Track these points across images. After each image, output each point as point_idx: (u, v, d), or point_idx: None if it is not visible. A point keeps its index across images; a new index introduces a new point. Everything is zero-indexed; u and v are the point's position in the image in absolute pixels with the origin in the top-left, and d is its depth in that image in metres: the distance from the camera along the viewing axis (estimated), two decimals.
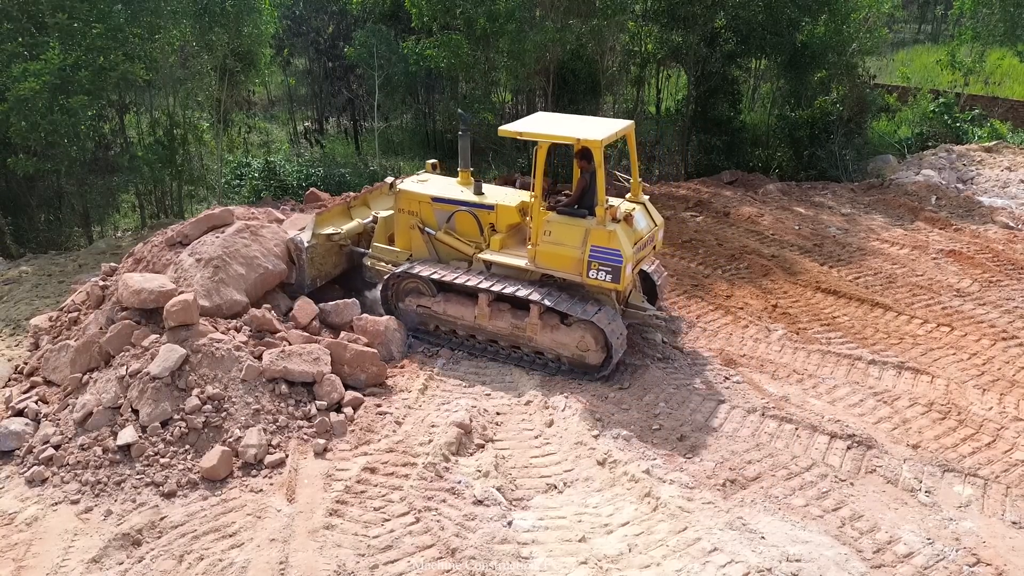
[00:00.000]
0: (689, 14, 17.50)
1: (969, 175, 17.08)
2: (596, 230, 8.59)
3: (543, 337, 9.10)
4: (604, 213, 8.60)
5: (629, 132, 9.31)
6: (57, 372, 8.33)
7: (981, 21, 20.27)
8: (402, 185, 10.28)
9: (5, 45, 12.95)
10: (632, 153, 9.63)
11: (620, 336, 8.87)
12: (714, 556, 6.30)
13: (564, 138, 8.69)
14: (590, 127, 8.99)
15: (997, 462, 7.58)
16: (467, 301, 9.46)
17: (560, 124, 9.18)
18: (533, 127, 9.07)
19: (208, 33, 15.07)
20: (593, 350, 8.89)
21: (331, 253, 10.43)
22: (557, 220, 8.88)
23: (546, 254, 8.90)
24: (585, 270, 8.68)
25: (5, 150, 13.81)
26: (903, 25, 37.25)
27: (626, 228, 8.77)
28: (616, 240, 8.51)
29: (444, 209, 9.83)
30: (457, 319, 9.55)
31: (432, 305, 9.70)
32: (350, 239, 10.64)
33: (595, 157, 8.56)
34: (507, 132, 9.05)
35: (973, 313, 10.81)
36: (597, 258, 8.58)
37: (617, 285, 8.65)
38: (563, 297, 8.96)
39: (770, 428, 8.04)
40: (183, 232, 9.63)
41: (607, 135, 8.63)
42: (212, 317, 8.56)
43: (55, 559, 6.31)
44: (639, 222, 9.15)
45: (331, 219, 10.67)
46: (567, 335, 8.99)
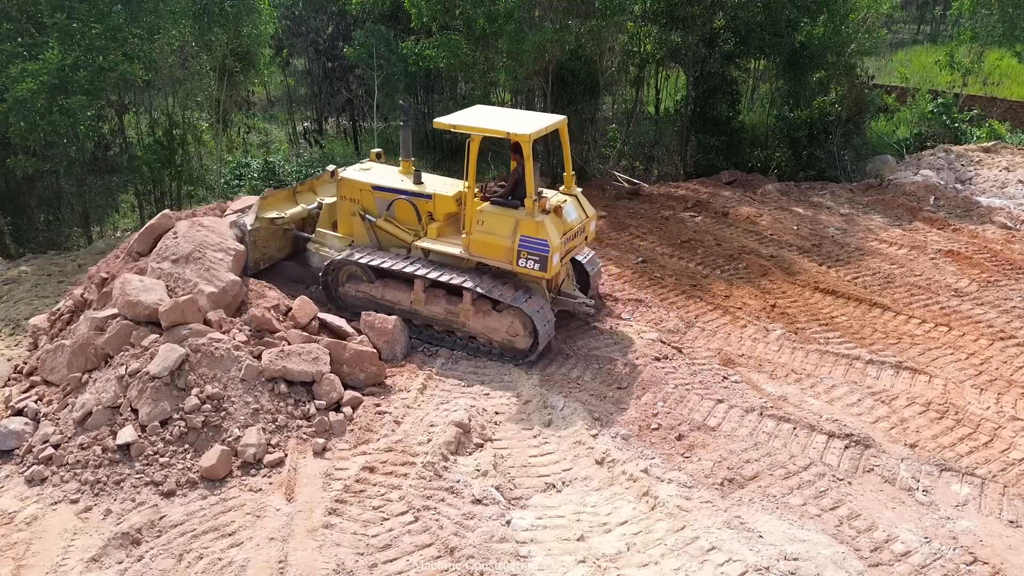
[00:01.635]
0: (688, 14, 17.51)
1: (967, 175, 17.10)
2: (525, 220, 8.98)
3: (475, 322, 9.46)
4: (533, 205, 8.97)
5: (561, 127, 9.64)
6: (55, 372, 8.34)
7: (980, 22, 20.30)
8: (344, 173, 10.61)
9: (4, 45, 12.97)
10: (565, 148, 9.96)
11: (547, 323, 9.22)
12: (712, 555, 6.32)
13: (494, 131, 9.06)
14: (520, 121, 9.31)
15: (994, 461, 7.60)
16: (404, 287, 9.83)
17: (493, 118, 9.54)
18: (466, 120, 9.42)
19: (207, 33, 15.08)
20: (521, 335, 9.27)
21: (275, 237, 10.69)
22: (489, 210, 9.24)
23: (479, 243, 9.27)
24: (515, 259, 9.09)
25: (5, 150, 13.82)
26: (902, 25, 37.30)
27: (555, 219, 9.15)
28: (544, 230, 8.90)
29: (384, 197, 10.14)
30: (394, 304, 9.91)
31: (370, 291, 10.06)
32: (294, 223, 10.96)
33: (524, 150, 8.88)
34: (441, 124, 9.45)
35: (971, 313, 10.83)
36: (526, 247, 9.00)
37: (544, 273, 9.08)
38: (495, 284, 9.32)
39: (768, 427, 8.06)
40: (134, 248, 9.70)
41: (536, 130, 8.96)
42: (217, 306, 8.68)
43: (55, 558, 6.32)
44: (569, 214, 9.48)
45: (275, 204, 10.98)
46: (498, 321, 9.36)
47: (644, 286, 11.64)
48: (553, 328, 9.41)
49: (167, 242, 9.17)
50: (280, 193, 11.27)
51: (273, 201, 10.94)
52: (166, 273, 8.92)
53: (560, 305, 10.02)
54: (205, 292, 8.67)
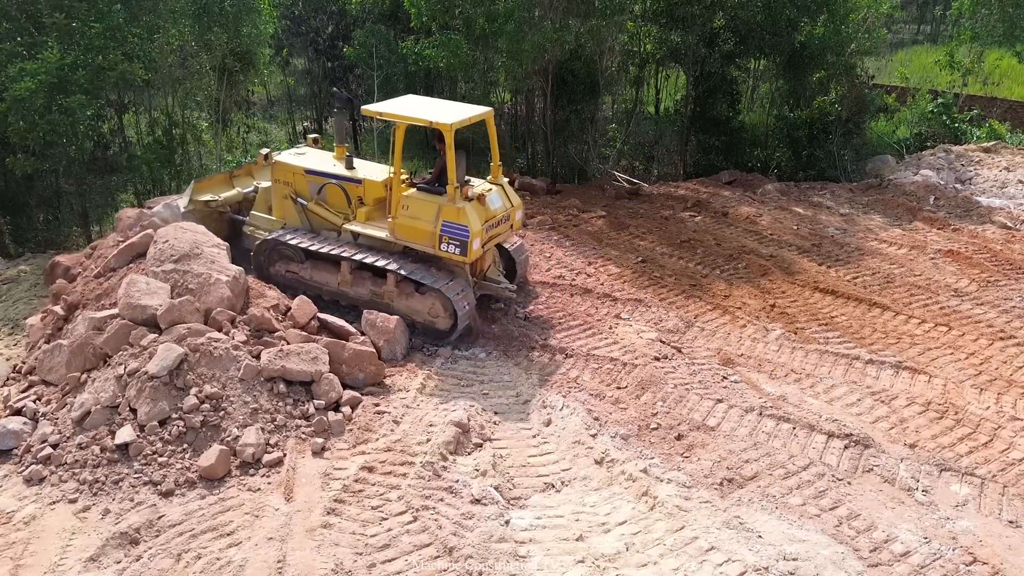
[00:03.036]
0: (688, 14, 17.50)
1: (967, 175, 17.09)
2: (447, 206, 9.33)
3: (399, 303, 9.81)
4: (455, 192, 9.32)
5: (487, 118, 9.93)
6: (53, 372, 8.32)
7: (980, 22, 20.28)
8: (278, 157, 10.91)
9: (3, 45, 12.94)
10: (492, 139, 10.26)
11: (467, 305, 9.55)
12: (711, 555, 6.32)
13: (418, 120, 9.40)
14: (444, 111, 9.62)
15: (994, 461, 7.60)
16: (332, 268, 10.15)
17: (420, 107, 9.86)
18: (392, 108, 9.74)
19: (207, 33, 15.05)
20: (442, 316, 9.65)
21: (209, 219, 10.85)
22: (414, 196, 9.61)
23: (403, 227, 9.62)
24: (437, 243, 9.44)
25: (4, 150, 13.79)
26: (902, 25, 37.27)
27: (477, 207, 9.49)
28: (465, 216, 9.24)
29: (316, 181, 10.46)
30: (322, 285, 10.23)
31: (300, 271, 10.36)
32: (229, 206, 11.24)
33: (446, 139, 9.16)
34: (369, 111, 9.79)
35: (971, 313, 10.82)
36: (447, 232, 9.35)
37: (465, 258, 9.43)
38: (419, 267, 9.65)
39: (768, 427, 8.05)
40: (109, 266, 9.64)
41: (458, 119, 9.27)
42: (234, 293, 8.89)
43: (53, 558, 6.31)
44: (493, 202, 9.80)
45: (211, 187, 11.26)
46: (420, 302, 9.73)
47: (644, 286, 11.63)
48: (473, 311, 9.74)
49: (159, 247, 9.18)
50: (216, 177, 11.59)
51: (208, 184, 11.27)
52: (171, 272, 8.92)
53: (483, 289, 10.36)
54: (223, 281, 8.84)
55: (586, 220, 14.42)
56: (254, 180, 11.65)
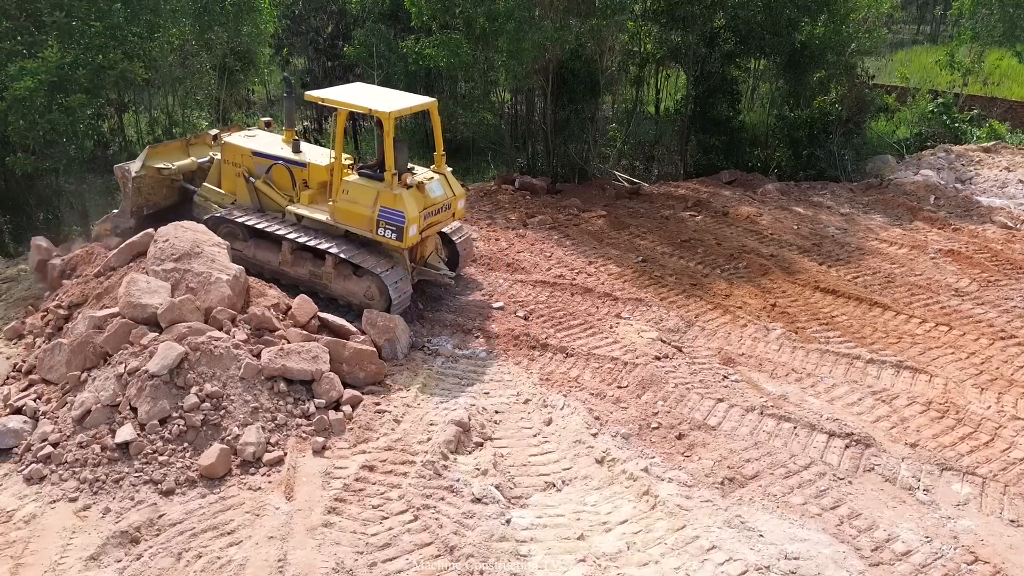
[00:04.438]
0: (688, 14, 17.48)
1: (968, 175, 17.09)
2: (385, 193, 9.51)
3: (337, 285, 10.06)
4: (392, 178, 9.49)
5: (431, 108, 10.17)
6: (53, 371, 8.31)
7: (980, 22, 20.28)
8: (227, 139, 11.17)
9: (3, 43, 12.92)
10: (436, 129, 10.46)
11: (401, 290, 9.77)
12: (712, 554, 6.31)
13: (358, 107, 9.64)
14: (386, 99, 9.85)
15: (995, 461, 7.59)
16: (275, 247, 10.35)
17: (361, 95, 10.03)
18: (335, 95, 9.96)
19: (207, 32, 15.04)
20: (377, 300, 9.82)
21: (160, 185, 11.24)
22: (354, 181, 9.82)
23: (343, 211, 9.86)
24: (375, 227, 9.64)
25: (4, 149, 13.77)
26: (902, 26, 37.28)
27: (416, 194, 9.65)
28: (401, 203, 9.42)
29: (263, 163, 10.71)
30: (264, 263, 10.43)
31: (243, 249, 10.48)
32: (182, 175, 11.46)
33: (385, 126, 9.39)
34: (311, 97, 10.02)
35: (971, 312, 10.82)
36: (384, 217, 9.54)
37: (400, 243, 9.62)
38: (357, 251, 9.83)
39: (768, 427, 8.05)
40: (109, 264, 9.77)
41: (398, 108, 9.53)
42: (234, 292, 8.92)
43: (53, 557, 6.29)
44: (434, 190, 9.96)
45: (166, 154, 11.46)
46: (357, 285, 9.96)
47: (644, 285, 11.62)
48: (409, 296, 9.96)
49: (159, 246, 9.19)
50: (172, 144, 11.76)
51: (164, 151, 11.47)
52: (171, 271, 8.92)
53: (422, 275, 10.57)
54: (223, 279, 8.86)
55: (586, 220, 14.42)
56: (210, 150, 11.81)
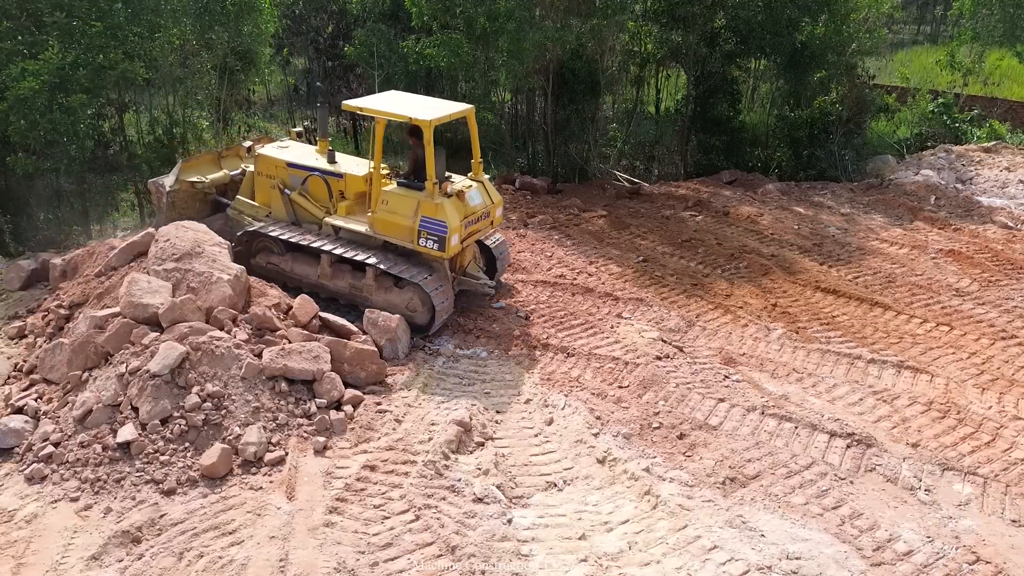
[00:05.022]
0: (689, 14, 17.49)
1: (968, 175, 17.10)
2: (426, 202, 9.36)
3: (377, 297, 9.84)
4: (433, 187, 9.35)
5: (468, 115, 10.00)
6: (54, 371, 8.30)
7: (980, 22, 20.29)
8: (261, 150, 10.98)
9: (4, 43, 12.92)
10: (473, 136, 10.25)
11: (445, 300, 9.60)
12: (714, 554, 6.31)
13: (397, 116, 9.45)
14: (423, 107, 9.69)
15: (996, 461, 7.59)
16: (312, 261, 10.20)
17: (399, 103, 9.87)
18: (372, 104, 9.79)
19: (208, 32, 15.03)
20: (420, 311, 9.69)
21: (194, 199, 11.08)
22: (394, 191, 9.67)
23: (383, 222, 9.68)
24: (416, 238, 9.48)
25: (5, 149, 13.77)
26: (902, 26, 37.28)
27: (456, 203, 9.52)
28: (443, 212, 9.29)
29: (298, 175, 10.56)
30: (302, 277, 10.29)
31: (280, 263, 10.44)
32: (215, 188, 11.31)
33: (424, 135, 9.22)
34: (348, 106, 9.86)
35: (972, 312, 10.82)
36: (426, 227, 9.37)
37: (443, 253, 9.46)
38: (398, 262, 9.67)
39: (770, 426, 8.05)
40: (111, 264, 9.73)
41: (437, 116, 9.33)
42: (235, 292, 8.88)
43: (55, 556, 6.29)
44: (473, 198, 9.82)
45: (198, 167, 11.31)
46: (398, 296, 9.78)
47: (645, 285, 11.62)
48: (452, 306, 9.81)
49: (160, 245, 9.17)
50: (204, 156, 11.59)
51: (196, 164, 11.31)
52: (172, 271, 8.92)
53: (462, 285, 10.40)
54: (224, 279, 8.84)
55: (587, 219, 14.42)
56: (242, 162, 11.71)
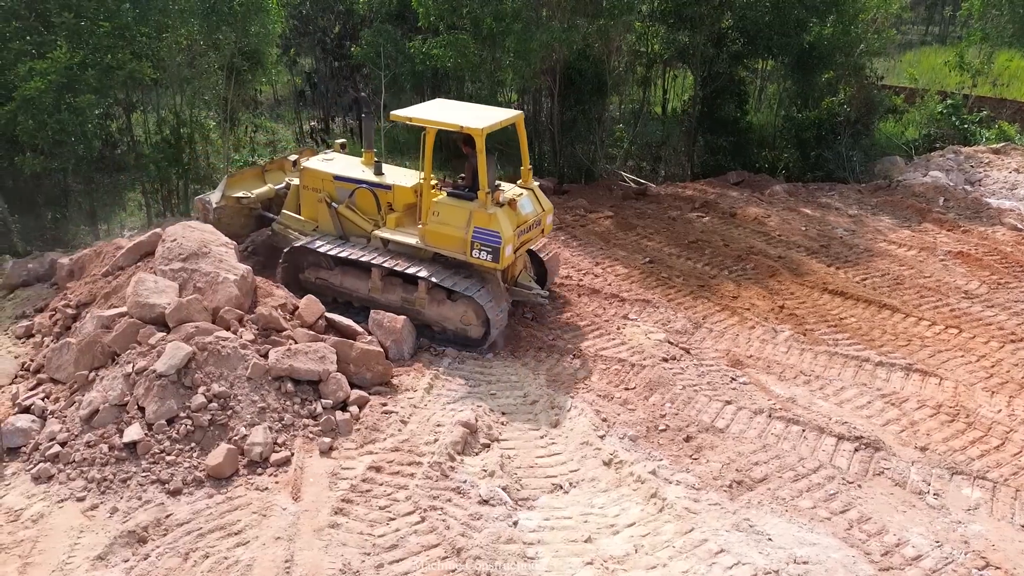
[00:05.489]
0: (696, 14, 17.44)
1: (977, 177, 17.00)
2: (478, 212, 9.11)
3: (430, 311, 9.65)
4: (485, 197, 9.10)
5: (518, 121, 9.77)
6: (61, 371, 8.32)
7: (990, 22, 20.18)
8: (306, 164, 10.82)
9: (13, 44, 12.97)
10: (522, 142, 10.00)
11: (499, 313, 9.34)
12: (721, 557, 6.28)
13: (448, 125, 9.21)
14: (474, 115, 9.45)
15: (1006, 465, 7.54)
16: (362, 274, 10.00)
17: (448, 112, 9.67)
18: (421, 113, 9.55)
19: (215, 32, 15.05)
20: (474, 324, 9.44)
21: (240, 215, 10.98)
22: (445, 202, 9.43)
23: (434, 233, 9.45)
24: (468, 249, 9.23)
25: (13, 148, 13.82)
26: (911, 26, 37.09)
27: (509, 212, 9.28)
28: (496, 222, 9.04)
29: (345, 187, 10.38)
30: (353, 291, 10.10)
31: (329, 277, 10.27)
32: (260, 203, 11.20)
33: (476, 144, 9.01)
34: (397, 117, 9.54)
35: (981, 315, 10.75)
36: (479, 239, 9.13)
37: (497, 264, 9.19)
38: (450, 274, 9.46)
39: (777, 429, 8.01)
40: (118, 264, 9.75)
41: (489, 124, 9.09)
42: (242, 292, 8.90)
43: (60, 556, 6.30)
44: (524, 207, 9.58)
45: (243, 182, 11.20)
46: (452, 310, 9.54)
47: (651, 287, 11.59)
48: (506, 318, 9.58)
49: (167, 245, 9.20)
50: (249, 171, 11.48)
51: (241, 179, 11.20)
52: (179, 271, 8.94)
53: (515, 296, 10.18)
54: (231, 279, 8.85)
55: (593, 220, 14.39)
56: (286, 176, 11.57)
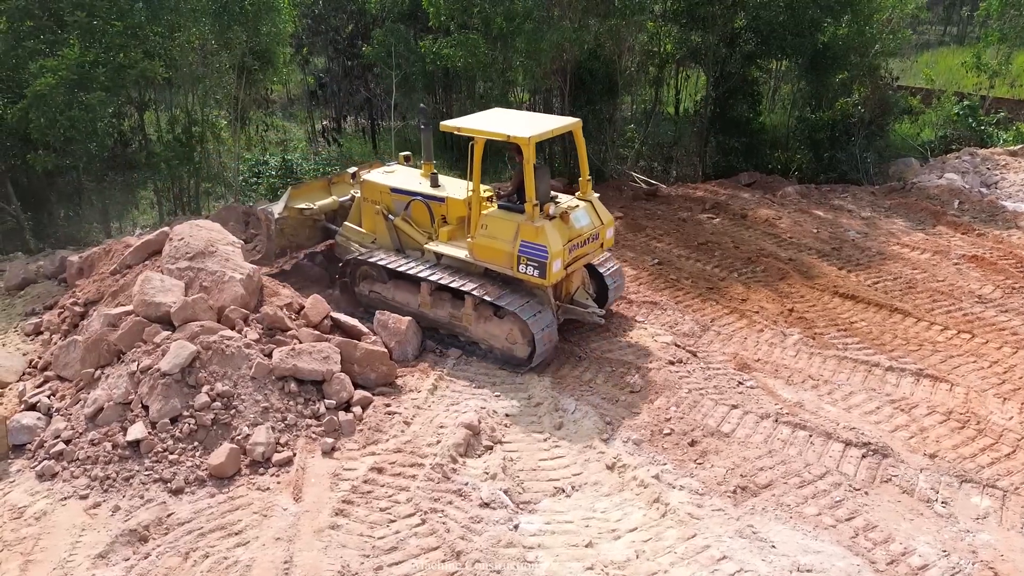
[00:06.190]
0: (709, 14, 17.33)
1: (993, 179, 16.75)
2: (525, 225, 8.72)
3: (477, 327, 9.36)
4: (532, 209, 8.71)
5: (575, 129, 9.33)
6: (68, 368, 8.38)
7: (1008, 23, 19.91)
8: (366, 176, 10.82)
9: (26, 42, 13.07)
10: (580, 151, 9.63)
11: (545, 331, 8.91)
12: (723, 564, 6.20)
13: (495, 134, 8.81)
14: (524, 124, 9.04)
15: (1016, 473, 7.40)
16: (414, 289, 9.88)
17: (497, 121, 9.28)
18: (469, 123, 9.22)
19: (227, 32, 15.11)
20: (520, 343, 9.06)
21: (303, 226, 11.07)
22: (494, 214, 9.11)
23: (481, 247, 9.11)
24: (515, 264, 8.84)
25: (25, 146, 13.94)
26: (929, 27, 36.72)
27: (560, 225, 8.88)
28: (543, 236, 8.61)
29: (402, 200, 10.33)
30: (404, 305, 9.98)
31: (383, 291, 10.20)
32: (324, 214, 11.23)
33: (524, 154, 8.63)
34: (447, 127, 9.27)
35: (995, 320, 10.59)
36: (525, 253, 8.73)
37: (543, 280, 8.75)
38: (498, 290, 9.09)
39: (783, 434, 7.91)
40: (126, 262, 9.84)
41: (537, 132, 8.67)
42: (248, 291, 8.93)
43: (62, 554, 6.32)
44: (579, 219, 9.19)
45: (307, 194, 11.26)
46: (498, 327, 9.20)
47: (660, 288, 11.51)
48: (555, 338, 9.11)
49: (174, 244, 9.25)
50: (315, 183, 11.54)
51: (306, 190, 11.25)
52: (185, 270, 8.97)
53: (569, 314, 9.72)
54: (237, 279, 8.88)
55: None
56: (351, 188, 11.49)
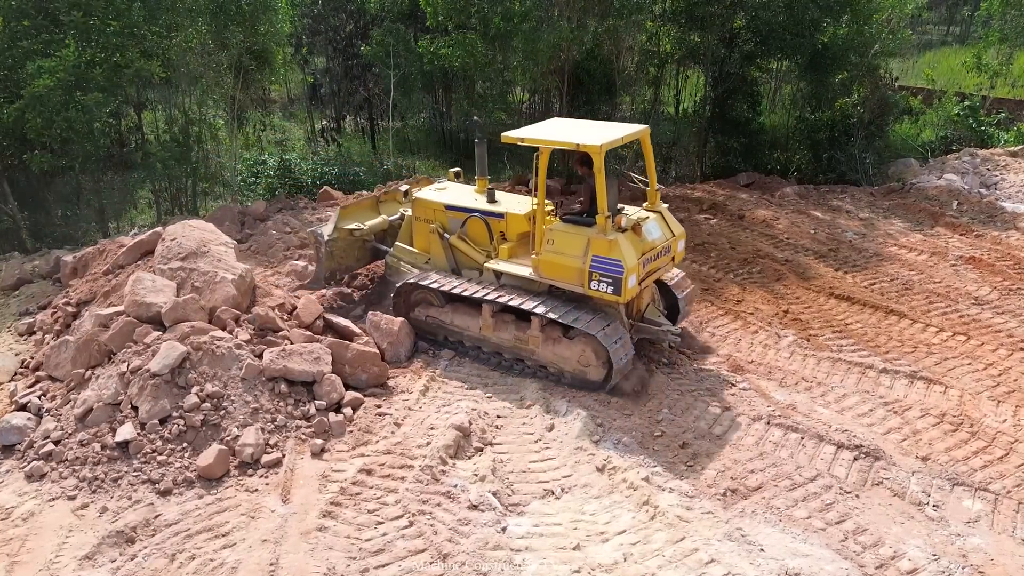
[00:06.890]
0: (708, 14, 17.28)
1: (993, 180, 16.69)
2: (597, 239, 8.18)
3: (545, 350, 8.80)
4: (604, 221, 8.22)
5: (643, 136, 8.85)
6: (59, 368, 8.37)
7: (1009, 23, 19.84)
8: (418, 194, 10.22)
9: (22, 42, 13.08)
10: (648, 159, 9.20)
11: (624, 353, 8.42)
12: (711, 568, 6.16)
13: (563, 143, 8.33)
14: (592, 132, 8.58)
15: (1009, 476, 7.35)
16: (474, 311, 9.22)
17: (563, 130, 8.79)
18: (534, 133, 8.73)
19: (224, 31, 15.10)
20: (594, 365, 8.55)
21: (353, 247, 10.58)
22: (560, 229, 8.56)
23: (548, 263, 8.54)
24: (587, 281, 8.28)
25: (22, 146, 13.94)
26: (930, 27, 36.62)
27: (633, 238, 8.37)
28: (617, 250, 8.09)
29: (457, 217, 9.70)
30: (463, 329, 9.39)
31: (440, 315, 9.59)
32: (373, 235, 10.75)
33: (595, 163, 8.14)
34: (509, 138, 8.76)
35: (991, 322, 10.54)
36: (598, 268, 8.18)
37: (618, 297, 8.21)
38: (566, 309, 8.56)
39: (775, 437, 7.87)
40: (119, 263, 9.84)
41: (607, 140, 8.14)
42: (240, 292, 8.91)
43: (48, 555, 6.31)
44: (651, 232, 8.73)
45: (356, 213, 10.78)
46: (568, 349, 8.66)
47: None
48: (630, 359, 8.59)
49: (167, 244, 9.23)
50: (363, 202, 11.14)
51: (355, 210, 10.78)
52: (177, 270, 8.96)
53: (641, 333, 9.22)
54: (229, 279, 8.85)
55: None
56: (401, 207, 11.07)
